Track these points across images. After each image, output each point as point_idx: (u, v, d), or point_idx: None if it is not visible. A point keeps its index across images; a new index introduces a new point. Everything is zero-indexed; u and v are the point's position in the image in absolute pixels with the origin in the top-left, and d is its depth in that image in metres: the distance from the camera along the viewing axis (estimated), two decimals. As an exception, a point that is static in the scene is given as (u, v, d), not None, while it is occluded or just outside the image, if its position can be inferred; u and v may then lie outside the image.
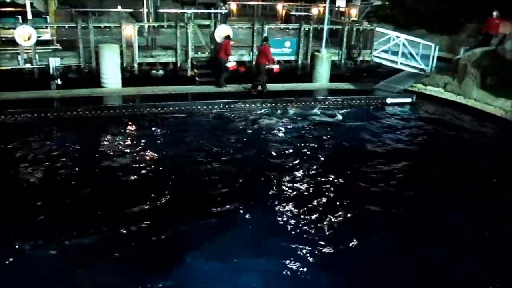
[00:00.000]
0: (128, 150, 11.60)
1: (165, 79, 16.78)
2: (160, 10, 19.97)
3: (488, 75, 16.65)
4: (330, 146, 12.85)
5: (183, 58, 16.72)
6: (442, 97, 17.59)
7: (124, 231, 8.09)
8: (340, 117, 15.29)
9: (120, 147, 11.82)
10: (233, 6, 28.22)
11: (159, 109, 14.59)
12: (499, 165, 12.00)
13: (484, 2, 20.63)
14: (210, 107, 15.10)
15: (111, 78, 15.70)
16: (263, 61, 16.12)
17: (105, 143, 12.19)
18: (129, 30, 15.92)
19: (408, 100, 17.27)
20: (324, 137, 13.41)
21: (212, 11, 21.33)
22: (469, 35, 21.72)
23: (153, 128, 13.30)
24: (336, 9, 25.22)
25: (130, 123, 13.65)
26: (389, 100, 17.02)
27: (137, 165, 10.75)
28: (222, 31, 16.57)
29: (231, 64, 16.35)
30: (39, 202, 8.87)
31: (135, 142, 12.27)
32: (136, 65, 16.23)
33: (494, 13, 18.25)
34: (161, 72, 16.81)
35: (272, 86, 16.93)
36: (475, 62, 16.89)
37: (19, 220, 8.29)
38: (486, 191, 10.47)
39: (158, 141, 12.44)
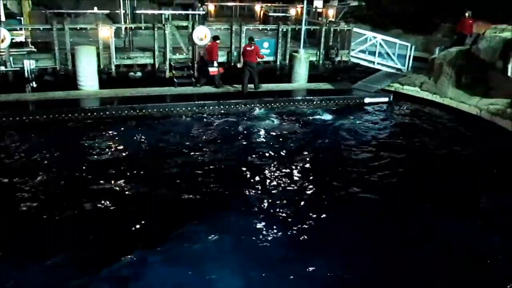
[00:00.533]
0: (105, 153, 11.49)
1: (143, 80, 16.67)
2: (137, 11, 19.77)
3: (463, 74, 16.96)
4: (312, 144, 12.95)
5: (161, 60, 16.61)
6: (418, 96, 17.87)
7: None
8: (327, 116, 15.46)
9: (97, 150, 11.67)
10: (211, 7, 28.19)
11: (137, 111, 14.47)
12: (475, 160, 12.31)
13: (457, 2, 21.01)
14: (189, 108, 15.04)
15: (88, 80, 15.50)
16: (254, 60, 16.38)
17: (83, 146, 11.99)
18: (106, 32, 15.74)
19: (385, 99, 17.49)
20: (305, 136, 13.56)
21: (190, 12, 21.21)
22: (444, 35, 22.10)
23: (131, 130, 13.17)
24: (314, 9, 25.41)
25: (108, 125, 13.48)
26: (367, 100, 17.21)
27: (116, 169, 10.63)
28: (200, 32, 16.51)
29: (212, 69, 16.37)
30: (16, 206, 8.72)
31: (113, 144, 12.14)
32: (113, 67, 16.06)
33: (467, 13, 18.64)
34: (139, 74, 16.71)
35: (250, 87, 16.95)
36: (450, 61, 17.19)
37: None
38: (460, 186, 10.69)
39: (137, 143, 12.31)
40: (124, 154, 11.54)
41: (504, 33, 16.02)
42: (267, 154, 11.88)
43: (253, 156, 11.77)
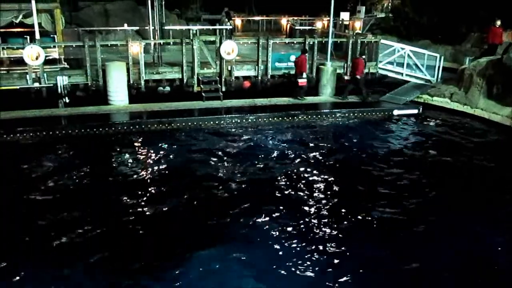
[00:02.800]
0: (136, 167, 11.66)
1: (172, 95, 16.91)
2: (166, 27, 20.19)
3: (494, 84, 16.61)
4: (341, 156, 12.92)
5: (189, 74, 16.86)
6: (448, 107, 17.58)
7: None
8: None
9: (128, 164, 11.88)
10: (238, 21, 28.48)
11: (166, 125, 14.67)
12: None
13: (484, 10, 20.70)
14: (217, 122, 15.16)
15: (118, 95, 15.85)
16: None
17: (114, 159, 12.25)
18: (136, 48, 16.11)
19: (415, 111, 17.24)
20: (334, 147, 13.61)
21: (217, 27, 21.53)
22: (473, 45, 21.77)
23: (160, 144, 13.33)
24: (340, 22, 25.41)
25: (138, 139, 13.72)
26: (395, 112, 17.00)
27: (144, 182, 10.79)
28: (227, 47, 16.71)
29: (301, 80, 17.13)
30: (51, 219, 8.92)
31: (143, 158, 12.33)
32: (142, 82, 16.39)
33: (498, 22, 18.29)
34: (167, 88, 16.96)
35: (278, 100, 17.01)
36: (480, 72, 16.88)
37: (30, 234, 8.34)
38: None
39: (165, 156, 12.47)
40: (151, 169, 11.64)
41: (536, 42, 15.69)
42: (303, 168, 11.87)
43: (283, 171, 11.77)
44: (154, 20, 19.05)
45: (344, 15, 25.74)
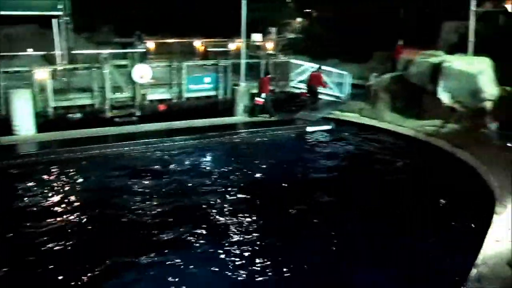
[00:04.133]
0: (46, 200, 10.99)
1: (84, 122, 16.23)
2: (74, 52, 19.50)
3: (397, 98, 17.74)
4: (257, 173, 13.13)
5: (101, 100, 16.34)
6: (359, 121, 18.47)
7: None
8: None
9: (37, 197, 11.15)
10: (151, 44, 28.11)
11: (78, 153, 14.04)
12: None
13: (388, 31, 22.22)
14: (132, 147, 14.78)
15: (24, 124, 14.96)
16: (316, 83, 18.54)
17: (21, 193, 11.43)
18: (42, 74, 15.34)
19: (328, 127, 17.92)
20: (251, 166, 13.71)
21: (129, 50, 21.10)
22: (378, 62, 23.16)
23: (71, 173, 12.72)
24: (253, 43, 25.93)
25: (48, 170, 12.95)
26: (309, 129, 17.57)
27: (57, 216, 10.21)
28: (140, 71, 16.46)
29: (258, 99, 17.96)
30: None
31: (51, 189, 11.65)
32: (51, 110, 15.62)
33: (401, 42, 19.73)
34: (78, 115, 16.24)
35: (193, 122, 16.98)
36: (384, 87, 18.01)
37: None
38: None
39: (79, 187, 11.92)
40: (59, 200, 11.04)
41: (431, 59, 17.01)
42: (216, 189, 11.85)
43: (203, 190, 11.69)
44: (61, 44, 18.33)
45: (257, 37, 26.36)
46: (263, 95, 17.92)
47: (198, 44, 28.48)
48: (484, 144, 13.99)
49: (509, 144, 13.51)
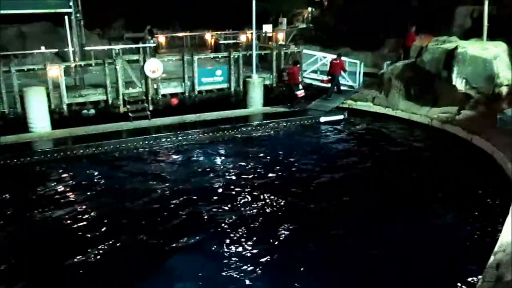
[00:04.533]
0: (64, 197, 11.11)
1: (97, 118, 16.34)
2: (86, 48, 19.60)
3: (411, 86, 17.55)
4: (277, 166, 13.13)
5: (114, 95, 16.43)
6: (372, 110, 18.34)
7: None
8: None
9: (55, 195, 11.27)
10: (162, 38, 28.16)
11: (93, 149, 14.17)
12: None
13: (400, 18, 21.89)
14: (146, 142, 14.86)
15: (39, 122, 15.13)
16: (338, 72, 18.66)
17: (39, 191, 11.56)
18: (55, 71, 15.45)
19: (341, 117, 17.81)
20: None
21: (140, 45, 21.17)
22: (391, 50, 22.91)
23: (89, 169, 12.85)
24: (264, 34, 25.82)
25: (64, 166, 13.09)
26: (322, 119, 17.48)
27: (74, 214, 10.30)
28: (152, 65, 16.51)
29: (299, 92, 18.08)
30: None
31: (70, 187, 11.78)
32: (65, 106, 15.76)
33: (413, 28, 19.42)
34: (92, 111, 16.34)
35: (207, 115, 17.00)
36: (398, 75, 17.81)
37: None
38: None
39: (96, 182, 12.03)
40: (83, 196, 11.18)
41: (445, 45, 16.76)
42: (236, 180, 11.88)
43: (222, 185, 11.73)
44: (73, 41, 18.44)
45: (267, 28, 26.21)
46: (300, 86, 18.30)
47: (209, 37, 28.46)
48: (499, 130, 13.78)
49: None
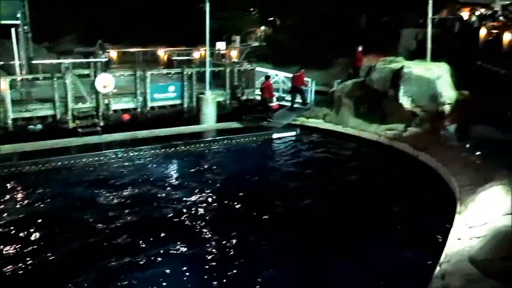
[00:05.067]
0: (6, 215, 10.66)
1: (45, 133, 15.84)
2: (34, 62, 19.07)
3: (361, 104, 18.08)
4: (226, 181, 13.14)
5: (63, 110, 16.02)
6: (323, 127, 18.69)
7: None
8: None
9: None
10: (113, 53, 27.76)
11: (40, 165, 13.69)
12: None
13: (350, 39, 22.67)
14: (96, 158, 14.52)
15: (-18, 137, 14.53)
16: (299, 84, 19.27)
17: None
18: (0, 85, 14.92)
19: (293, 133, 18.10)
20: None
21: (91, 60, 20.77)
22: (342, 69, 23.60)
23: (35, 186, 12.38)
24: (217, 51, 26.00)
25: (8, 184, 12.57)
26: (275, 135, 17.71)
27: (19, 231, 9.91)
28: (103, 80, 16.25)
29: (273, 104, 19.00)
30: None
31: (16, 205, 11.32)
32: (10, 121, 15.21)
33: (360, 48, 20.12)
34: (39, 126, 15.84)
35: (159, 131, 16.84)
36: (348, 93, 18.32)
37: None
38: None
39: (42, 199, 11.59)
40: (24, 215, 10.75)
41: (392, 64, 17.45)
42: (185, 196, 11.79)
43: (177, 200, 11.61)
44: (20, 54, 17.89)
45: (220, 45, 26.45)
46: (274, 99, 19.22)
47: (162, 53, 28.33)
48: (443, 146, 14.41)
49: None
